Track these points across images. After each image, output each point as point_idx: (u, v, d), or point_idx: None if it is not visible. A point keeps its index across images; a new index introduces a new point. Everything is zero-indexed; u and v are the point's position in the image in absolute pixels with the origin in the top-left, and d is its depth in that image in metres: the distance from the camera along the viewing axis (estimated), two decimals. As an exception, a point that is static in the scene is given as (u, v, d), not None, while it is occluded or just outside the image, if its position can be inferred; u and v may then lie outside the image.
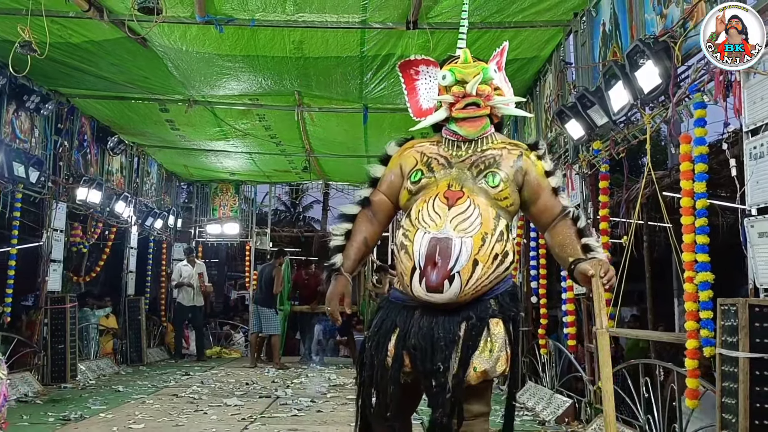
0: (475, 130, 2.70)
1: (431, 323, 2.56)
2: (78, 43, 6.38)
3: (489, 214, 2.58)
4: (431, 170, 2.70)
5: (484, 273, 2.53)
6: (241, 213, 13.48)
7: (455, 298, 2.52)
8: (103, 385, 7.89)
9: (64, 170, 8.23)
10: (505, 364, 2.57)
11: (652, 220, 6.81)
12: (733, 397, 3.19)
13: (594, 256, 2.63)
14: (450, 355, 2.51)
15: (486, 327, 2.56)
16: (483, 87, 2.69)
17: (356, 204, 2.90)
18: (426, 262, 2.53)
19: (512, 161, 2.68)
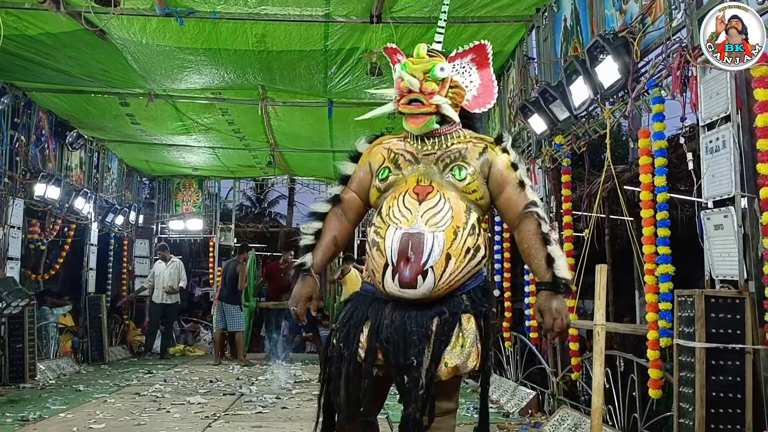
0: (416, 127, 2.67)
1: (404, 317, 2.53)
2: (34, 36, 6.23)
3: (460, 208, 2.57)
4: (398, 167, 2.70)
5: (457, 267, 2.52)
6: (205, 209, 13.34)
7: (429, 293, 2.50)
8: (63, 384, 7.74)
9: (21, 166, 8.03)
10: (476, 359, 2.56)
11: (614, 214, 6.91)
12: (690, 386, 3.26)
13: (555, 272, 2.53)
14: (423, 350, 2.49)
15: (458, 322, 2.54)
16: (428, 84, 2.65)
17: (327, 202, 2.88)
18: (398, 258, 2.51)
19: (477, 154, 2.67)
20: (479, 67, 2.83)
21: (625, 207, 4.61)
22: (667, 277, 3.68)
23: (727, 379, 3.18)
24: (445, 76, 2.69)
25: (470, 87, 2.81)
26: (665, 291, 3.66)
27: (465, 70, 2.82)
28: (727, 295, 3.23)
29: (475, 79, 2.83)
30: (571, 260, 5.30)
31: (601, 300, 2.65)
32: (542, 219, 2.61)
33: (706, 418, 3.16)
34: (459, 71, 2.79)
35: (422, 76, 2.66)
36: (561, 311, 2.51)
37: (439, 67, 2.67)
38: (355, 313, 2.64)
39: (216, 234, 13.22)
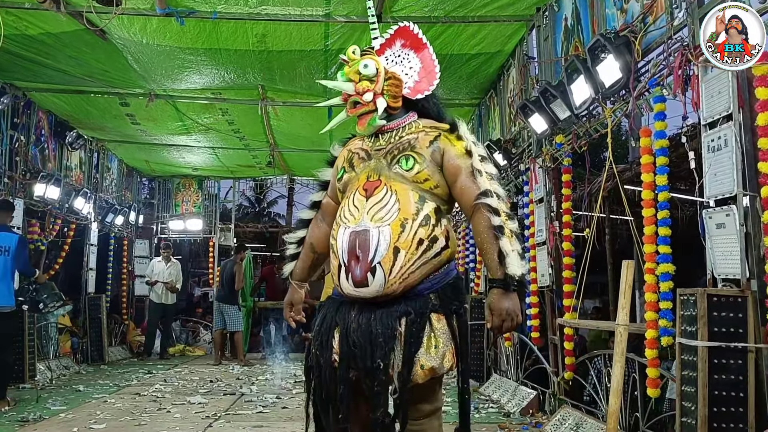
0: (362, 128, 2.66)
1: (369, 319, 2.47)
2: (34, 35, 6.23)
3: (409, 199, 2.49)
4: (352, 166, 2.67)
5: (409, 260, 2.44)
6: (205, 209, 13.33)
7: (382, 289, 2.44)
8: (63, 385, 7.73)
9: (20, 166, 8.03)
10: (452, 359, 2.49)
11: (614, 213, 6.91)
12: (692, 385, 3.26)
13: (506, 269, 2.39)
14: (389, 352, 2.43)
15: (428, 322, 2.47)
16: (361, 84, 2.63)
17: (309, 209, 2.91)
18: (349, 258, 2.48)
19: (428, 142, 2.58)
20: (416, 51, 2.75)
21: (627, 206, 4.61)
22: (668, 276, 3.68)
23: (730, 377, 3.18)
24: (370, 72, 2.64)
25: (410, 74, 2.74)
26: (666, 290, 3.66)
27: (402, 58, 2.75)
28: (730, 294, 3.23)
29: (414, 64, 2.75)
30: (571, 260, 5.32)
31: (626, 298, 2.57)
32: (493, 210, 2.46)
33: (709, 416, 3.16)
34: (395, 61, 2.74)
35: (357, 77, 2.65)
36: (511, 312, 2.41)
37: (362, 64, 2.65)
38: (325, 319, 2.60)
39: (216, 234, 13.21)
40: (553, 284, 5.60)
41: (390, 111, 2.67)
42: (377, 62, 2.67)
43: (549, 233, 5.65)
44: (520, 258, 2.42)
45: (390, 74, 2.68)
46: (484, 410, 5.96)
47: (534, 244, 6.00)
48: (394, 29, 2.76)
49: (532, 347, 6.21)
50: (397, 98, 2.66)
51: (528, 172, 6.23)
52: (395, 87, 2.66)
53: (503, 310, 2.39)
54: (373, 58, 2.68)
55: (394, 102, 2.66)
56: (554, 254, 5.56)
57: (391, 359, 2.42)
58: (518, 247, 2.43)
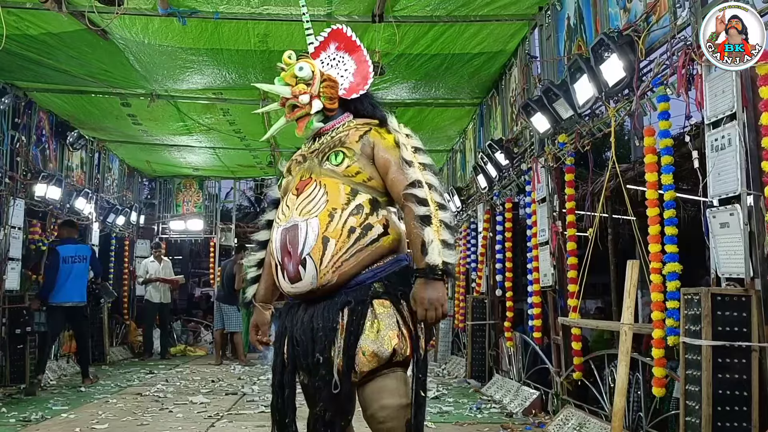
0: (301, 132, 2.69)
1: (312, 315, 2.45)
2: (35, 35, 6.22)
3: (339, 190, 2.48)
4: (290, 171, 2.72)
5: (340, 248, 2.41)
6: (205, 209, 13.34)
7: (315, 281, 2.41)
8: (64, 385, 7.73)
9: (21, 166, 8.01)
10: (397, 340, 2.39)
11: (617, 213, 6.91)
12: (696, 384, 3.25)
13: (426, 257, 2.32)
14: (330, 345, 2.38)
15: (369, 309, 2.41)
16: (297, 87, 2.66)
17: (263, 229, 2.87)
18: (282, 255, 2.48)
19: (358, 137, 2.59)
20: (350, 53, 2.78)
21: (629, 206, 4.60)
22: (675, 275, 3.67)
23: (734, 377, 3.17)
24: (306, 74, 2.66)
25: (346, 75, 2.76)
26: (673, 289, 3.65)
27: (337, 61, 2.78)
28: (733, 293, 3.22)
29: (350, 66, 2.78)
30: (574, 260, 5.31)
31: (630, 299, 2.56)
32: (420, 201, 2.40)
33: (713, 415, 3.15)
34: (330, 64, 2.76)
35: (294, 80, 2.67)
36: (434, 300, 2.33)
37: (297, 67, 2.67)
38: (279, 328, 2.60)
39: (216, 234, 13.23)
40: (556, 284, 5.59)
41: (327, 113, 2.70)
42: (312, 65, 2.70)
43: (551, 233, 5.64)
44: (447, 247, 2.35)
45: (325, 76, 2.70)
46: (486, 411, 5.96)
47: (536, 244, 5.99)
48: (327, 32, 2.79)
49: (535, 347, 6.20)
50: (333, 99, 2.69)
51: (530, 171, 6.22)
52: (331, 89, 2.69)
53: (425, 300, 2.32)
54: (308, 61, 2.71)
55: (330, 104, 2.68)
56: (557, 254, 5.55)
57: (331, 352, 2.37)
58: (447, 237, 2.36)
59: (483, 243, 8.09)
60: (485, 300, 7.79)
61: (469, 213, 9.09)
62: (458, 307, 8.97)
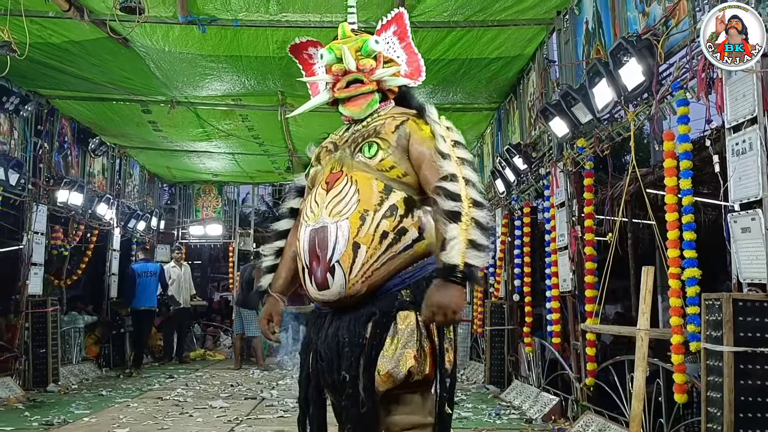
0: (359, 108, 2.47)
1: (337, 328, 2.29)
2: (58, 44, 6.31)
3: (372, 189, 2.29)
4: (319, 160, 2.53)
5: (371, 256, 2.23)
6: (224, 214, 13.43)
7: (343, 291, 2.24)
8: (86, 389, 7.81)
9: (44, 172, 8.13)
10: (413, 362, 2.19)
11: (636, 217, 6.86)
12: (718, 391, 3.22)
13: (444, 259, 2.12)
14: (356, 362, 2.21)
15: (393, 322, 2.22)
16: (365, 61, 2.46)
17: (286, 218, 2.70)
18: (310, 259, 2.30)
19: (394, 127, 2.39)
20: (400, 40, 2.64)
21: (650, 210, 4.57)
22: (694, 280, 3.64)
23: (756, 383, 3.13)
24: (380, 49, 2.50)
25: (399, 61, 2.62)
26: (692, 295, 3.62)
27: (389, 45, 2.62)
28: (755, 299, 3.19)
29: (400, 54, 2.63)
30: (593, 265, 5.28)
31: (646, 304, 2.54)
32: (450, 195, 2.19)
33: (735, 422, 3.12)
34: (384, 47, 2.60)
35: (354, 55, 2.46)
36: (444, 305, 2.10)
37: (373, 40, 2.49)
38: (306, 337, 2.48)
39: (235, 239, 13.31)
40: (575, 289, 5.56)
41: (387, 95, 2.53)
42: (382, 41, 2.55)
43: (570, 238, 5.61)
44: (474, 248, 2.12)
45: (386, 57, 2.56)
46: (505, 416, 5.94)
47: (555, 248, 5.97)
48: (392, 13, 2.64)
49: (554, 353, 6.17)
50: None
51: (548, 176, 6.20)
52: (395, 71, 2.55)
53: (435, 303, 2.10)
54: (378, 36, 2.55)
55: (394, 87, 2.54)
56: (576, 259, 5.53)
57: (358, 370, 2.20)
58: (477, 237, 2.13)
59: (501, 248, 8.06)
60: (504, 305, 7.76)
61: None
62: (477, 312, 8.94)
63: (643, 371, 2.70)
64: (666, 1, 4.03)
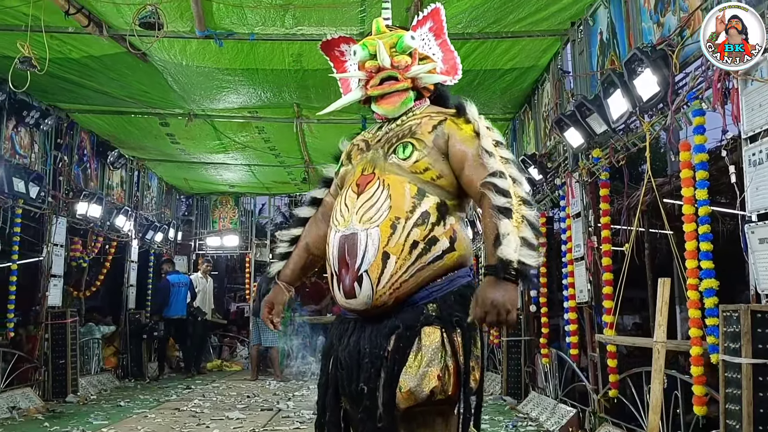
0: (393, 106, 2.39)
1: (359, 337, 2.22)
2: (77, 58, 6.40)
3: (404, 193, 2.20)
4: (350, 159, 2.44)
5: (400, 266, 2.14)
6: (241, 225, 13.51)
7: (370, 302, 2.16)
8: (104, 399, 7.87)
9: (64, 185, 8.24)
10: (437, 381, 2.09)
11: (653, 227, 6.82)
12: (736, 403, 3.19)
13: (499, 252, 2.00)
14: (376, 375, 2.13)
15: (417, 337, 2.14)
16: (399, 58, 2.38)
17: (308, 206, 2.65)
18: (339, 266, 2.22)
19: (432, 127, 2.29)
20: (436, 37, 2.54)
21: (666, 220, 4.55)
22: (711, 291, 3.61)
23: (775, 395, 3.10)
24: (416, 45, 2.42)
25: (435, 58, 2.52)
26: (710, 306, 3.59)
27: (425, 42, 2.53)
28: (774, 310, 3.16)
29: (435, 51, 2.54)
30: (610, 275, 5.25)
31: (662, 316, 2.52)
32: (501, 191, 2.09)
33: (754, 435, 3.09)
34: (420, 43, 2.51)
35: (389, 51, 2.38)
36: (498, 304, 1.97)
37: (408, 35, 2.41)
38: (329, 339, 2.41)
39: (252, 250, 13.38)
40: (592, 300, 5.53)
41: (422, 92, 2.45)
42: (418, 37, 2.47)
43: (587, 248, 5.59)
44: (528, 247, 2.01)
45: (422, 54, 2.47)
46: (522, 428, 5.91)
47: (572, 259, 5.94)
48: (431, 8, 2.54)
49: (571, 364, 6.13)
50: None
51: (564, 186, 6.19)
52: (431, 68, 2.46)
53: (488, 301, 1.97)
54: (414, 32, 2.47)
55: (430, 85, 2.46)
56: (592, 270, 5.50)
57: (377, 382, 2.13)
58: (529, 235, 2.03)
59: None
60: (520, 315, 7.73)
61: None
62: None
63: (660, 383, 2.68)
64: (681, 12, 4.02)
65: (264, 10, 5.45)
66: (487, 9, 5.40)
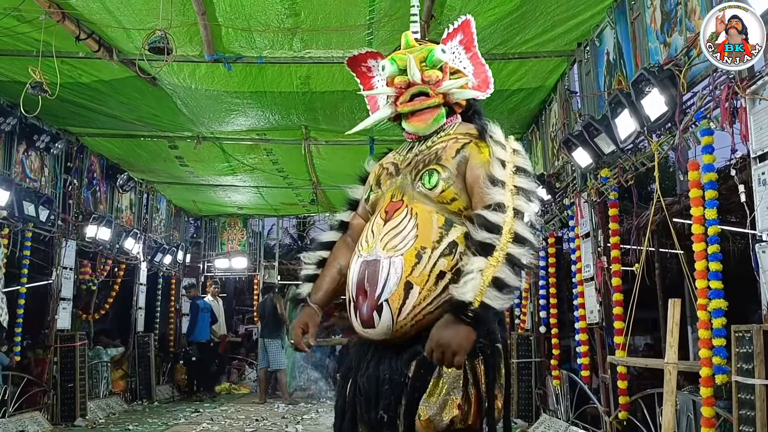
0: (424, 124, 2.30)
1: (379, 362, 2.15)
2: (88, 83, 6.47)
3: (432, 224, 2.14)
4: (379, 184, 2.36)
5: (424, 297, 2.07)
6: (249, 247, 13.52)
7: (389, 332, 2.09)
8: (112, 423, 7.83)
9: (73, 208, 8.28)
10: (458, 411, 2.02)
11: (663, 247, 6.78)
12: (750, 425, 3.15)
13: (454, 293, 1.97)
14: (396, 402, 2.07)
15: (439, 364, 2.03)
16: (430, 73, 2.29)
17: (334, 230, 2.57)
18: (357, 292, 2.16)
19: (455, 151, 2.21)
20: (467, 51, 2.45)
21: (676, 240, 4.52)
22: (720, 312, 3.57)
23: (790, 417, 3.06)
24: (447, 59, 2.33)
25: (466, 72, 2.43)
26: (718, 326, 3.55)
27: (455, 56, 2.43)
28: (787, 330, 3.13)
29: (466, 65, 2.45)
30: (620, 296, 5.21)
31: (673, 337, 2.49)
32: (488, 225, 2.01)
33: (770, 458, 3.04)
34: (450, 57, 2.41)
35: (419, 66, 2.29)
36: (444, 344, 1.92)
37: (439, 49, 2.31)
38: (348, 361, 2.35)
39: (260, 272, 13.37)
40: (603, 321, 5.49)
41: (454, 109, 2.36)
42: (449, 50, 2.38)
43: (597, 269, 5.56)
44: (498, 288, 1.94)
45: (453, 69, 2.37)
46: (533, 450, 5.84)
47: (581, 279, 5.91)
48: (461, 20, 2.45)
49: (583, 386, 6.07)
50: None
51: (573, 206, 6.17)
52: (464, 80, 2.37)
53: (435, 339, 1.94)
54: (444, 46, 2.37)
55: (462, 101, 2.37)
56: (602, 290, 5.46)
57: (397, 410, 2.06)
58: (505, 276, 1.96)
59: (527, 279, 8.00)
60: (530, 337, 7.68)
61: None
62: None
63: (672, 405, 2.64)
64: (687, 32, 4.03)
65: (272, 34, 5.50)
66: (494, 30, 5.43)
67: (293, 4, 5.07)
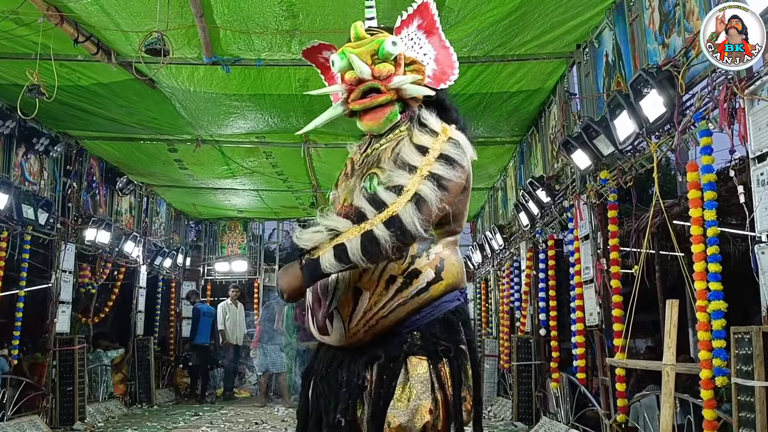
0: (376, 123, 2.20)
1: (338, 365, 2.12)
2: (86, 86, 6.46)
3: None
4: (337, 185, 2.33)
5: (375, 302, 2.02)
6: (250, 250, 13.50)
7: (343, 339, 2.06)
8: (111, 427, 7.81)
9: (72, 211, 8.27)
10: (428, 415, 1.97)
11: (663, 249, 6.76)
12: (750, 427, 3.12)
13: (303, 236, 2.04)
14: (353, 405, 2.02)
15: (403, 368, 2.01)
16: (381, 67, 2.16)
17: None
18: (313, 300, 2.14)
19: (391, 151, 2.12)
20: (428, 35, 2.32)
21: (676, 242, 4.50)
22: (720, 314, 3.55)
23: (790, 419, 3.04)
24: (399, 51, 2.19)
25: (426, 60, 2.29)
26: (718, 328, 3.53)
27: (414, 42, 2.30)
28: (787, 332, 3.11)
29: (428, 50, 2.31)
30: (620, 298, 5.19)
31: (671, 338, 2.47)
32: (374, 200, 1.98)
33: (770, 461, 3.02)
34: (407, 45, 2.28)
35: (370, 59, 2.18)
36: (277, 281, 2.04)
37: (389, 41, 2.17)
38: (309, 363, 2.31)
39: (260, 275, 13.35)
40: (602, 323, 5.46)
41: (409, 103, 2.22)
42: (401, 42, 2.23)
43: (596, 271, 5.54)
44: (336, 254, 1.91)
45: (410, 59, 2.24)
46: (533, 454, 5.81)
47: (580, 282, 5.89)
48: (415, 5, 2.29)
49: (582, 389, 6.05)
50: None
51: (572, 208, 6.15)
52: (419, 73, 2.23)
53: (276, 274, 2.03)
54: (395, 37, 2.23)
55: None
56: (602, 292, 5.44)
57: (356, 415, 2.02)
58: (351, 247, 1.90)
59: (526, 281, 7.98)
60: (530, 340, 7.66)
61: (512, 251, 9.01)
62: (503, 347, 8.82)
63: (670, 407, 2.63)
64: (685, 33, 4.02)
65: (271, 36, 5.49)
66: (492, 32, 5.42)
67: (291, 6, 5.06)
